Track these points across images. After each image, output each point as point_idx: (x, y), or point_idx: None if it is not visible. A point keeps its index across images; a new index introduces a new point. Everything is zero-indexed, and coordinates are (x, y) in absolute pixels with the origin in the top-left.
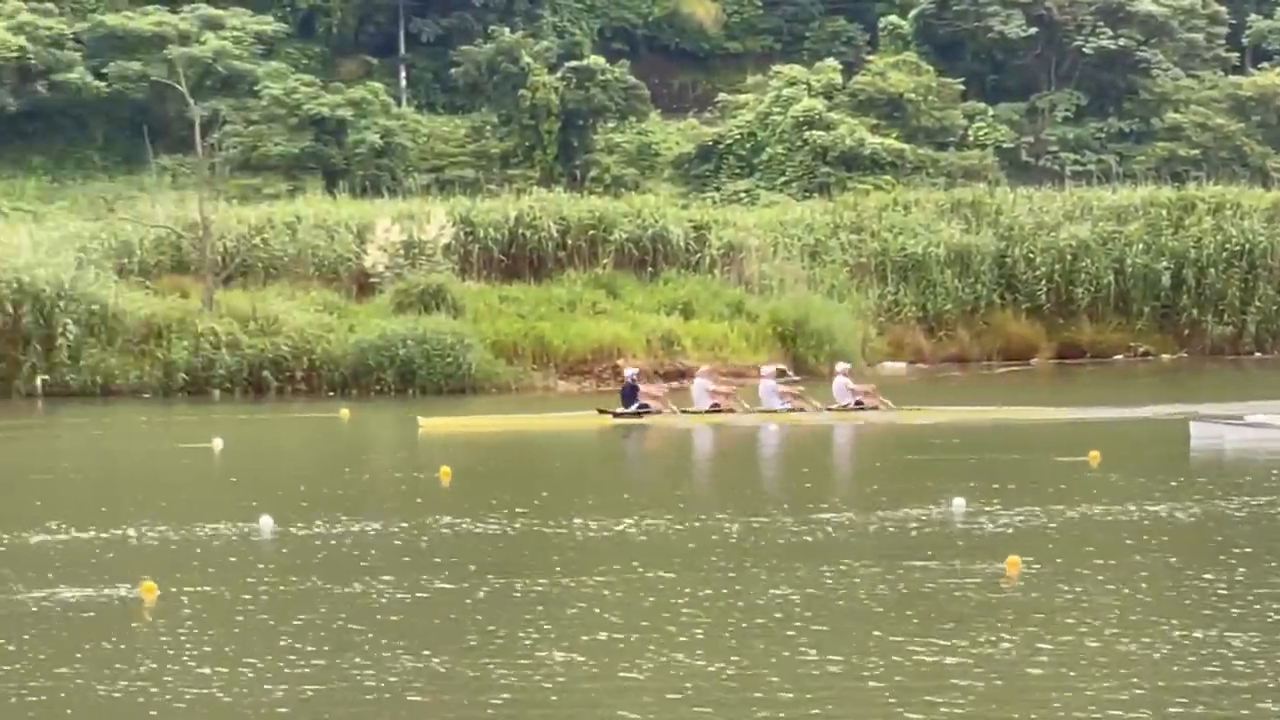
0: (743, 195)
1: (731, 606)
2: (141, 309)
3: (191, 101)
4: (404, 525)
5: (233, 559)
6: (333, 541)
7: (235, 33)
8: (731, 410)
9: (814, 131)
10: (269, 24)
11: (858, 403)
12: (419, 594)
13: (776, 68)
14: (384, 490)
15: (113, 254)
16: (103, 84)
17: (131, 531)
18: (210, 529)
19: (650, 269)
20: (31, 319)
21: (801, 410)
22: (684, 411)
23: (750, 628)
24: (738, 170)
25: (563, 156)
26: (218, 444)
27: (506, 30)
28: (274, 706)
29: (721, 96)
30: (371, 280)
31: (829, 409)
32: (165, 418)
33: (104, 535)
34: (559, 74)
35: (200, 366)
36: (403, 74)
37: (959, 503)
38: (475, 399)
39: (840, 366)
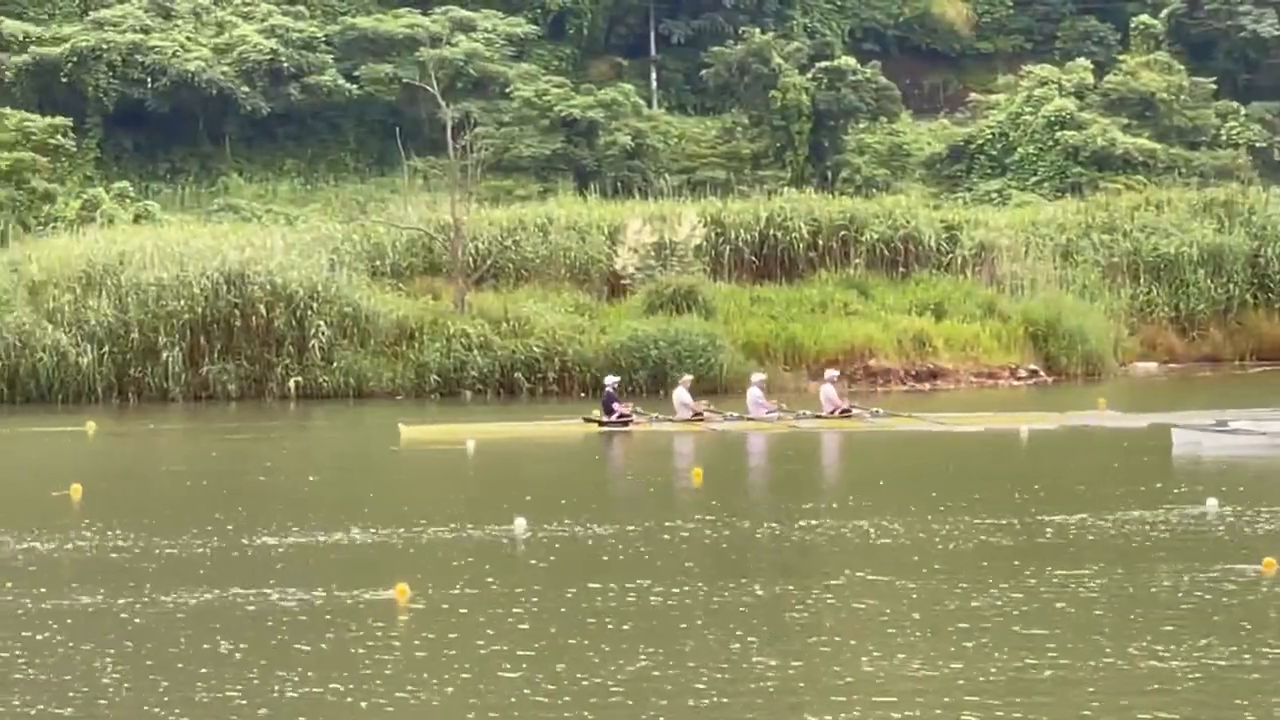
0: (994, 195)
1: (949, 609)
2: (394, 311)
3: (443, 103)
4: (651, 526)
5: (486, 561)
6: (584, 543)
7: (486, 34)
8: (708, 420)
9: (1065, 131)
10: (520, 25)
11: (844, 411)
12: (656, 596)
13: (1028, 67)
14: (635, 492)
15: (365, 256)
16: (354, 86)
17: (385, 533)
18: (464, 531)
19: (902, 269)
20: (285, 321)
21: (782, 419)
22: (664, 419)
23: (966, 630)
24: (989, 170)
25: (814, 157)
26: (470, 445)
27: (757, 31)
28: (487, 710)
29: (973, 96)
30: (623, 281)
31: (817, 416)
32: (418, 419)
33: (359, 537)
34: (810, 74)
35: (452, 368)
36: (653, 75)
37: (1212, 504)
38: (724, 400)
39: (829, 374)
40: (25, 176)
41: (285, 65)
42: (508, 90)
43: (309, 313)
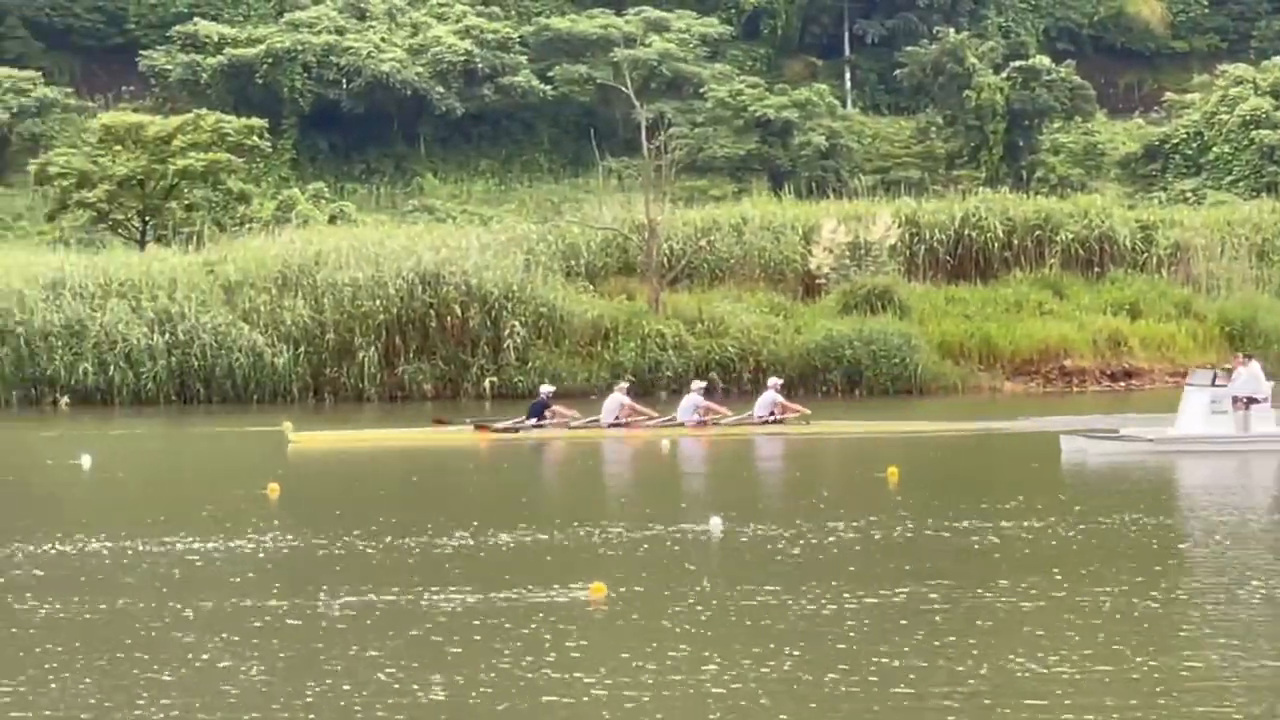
0: (1189, 195)
1: (1131, 611)
2: (588, 311)
3: (637, 104)
4: (847, 525)
5: (681, 560)
6: (779, 543)
7: (680, 35)
8: (636, 425)
9: (1261, 130)
10: (714, 26)
11: (773, 415)
12: (840, 598)
13: (1223, 66)
14: (832, 490)
15: (560, 256)
16: (548, 87)
17: (583, 532)
18: (659, 529)
19: (1096, 269)
20: (479, 321)
21: (715, 424)
22: (580, 426)
23: (1147, 631)
24: (1184, 170)
25: (1008, 157)
26: (665, 445)
27: (951, 31)
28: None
29: (1167, 96)
30: (818, 281)
31: (743, 422)
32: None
33: (556, 535)
34: (1004, 74)
35: (647, 368)
36: (848, 75)
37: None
38: (923, 401)
39: (772, 381)
40: (221, 177)
41: (480, 66)
42: (702, 90)
43: (504, 313)
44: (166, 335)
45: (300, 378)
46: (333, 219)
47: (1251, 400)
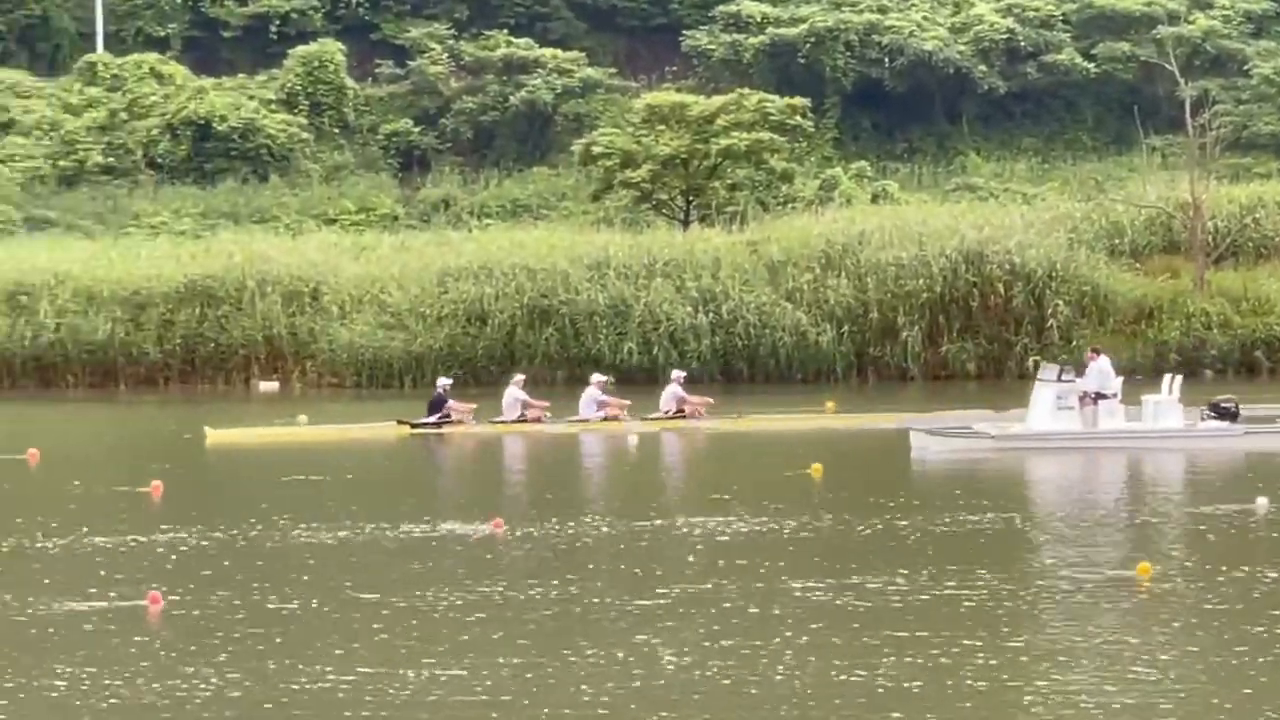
0: None
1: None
2: (1132, 290)
3: (1181, 81)
4: None
5: (1227, 540)
6: None
7: (1225, 12)
8: (539, 420)
9: None
10: (1259, 3)
11: (679, 411)
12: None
13: None
14: None
15: (1103, 235)
16: (1091, 64)
17: (1126, 512)
18: (1209, 509)
19: None
20: (1023, 300)
21: (617, 419)
22: (491, 421)
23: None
24: None
25: None
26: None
27: None
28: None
29: None
30: None
31: (646, 418)
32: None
33: (1102, 518)
34: None
35: (1191, 347)
36: None
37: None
38: None
39: (675, 374)
40: (764, 157)
41: (1022, 44)
42: (1246, 67)
43: (1047, 291)
44: (710, 315)
45: (844, 357)
46: (875, 198)
47: (1100, 396)
